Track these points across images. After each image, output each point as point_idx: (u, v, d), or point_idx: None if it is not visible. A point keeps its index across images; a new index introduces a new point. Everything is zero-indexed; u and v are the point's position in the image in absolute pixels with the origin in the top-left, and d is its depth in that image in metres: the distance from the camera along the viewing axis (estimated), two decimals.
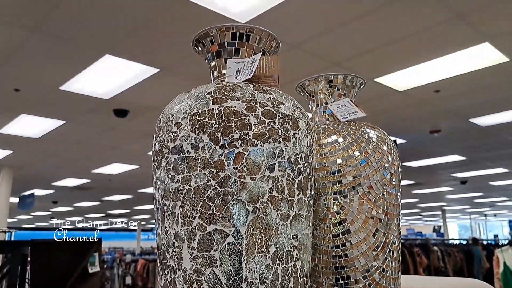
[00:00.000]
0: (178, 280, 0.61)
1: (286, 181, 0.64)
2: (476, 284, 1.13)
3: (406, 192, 11.13)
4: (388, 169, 0.84)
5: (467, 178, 9.49)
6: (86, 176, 8.52)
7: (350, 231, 0.81)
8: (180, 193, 0.62)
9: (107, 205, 13.16)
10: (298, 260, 0.64)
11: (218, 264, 0.59)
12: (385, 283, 0.81)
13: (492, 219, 20.98)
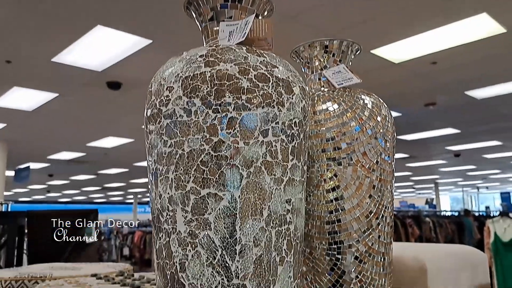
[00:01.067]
0: (172, 243, 0.62)
1: (279, 146, 0.63)
2: (467, 250, 1.15)
3: (400, 165, 11.22)
4: (382, 136, 0.84)
5: (461, 151, 9.56)
6: (81, 149, 8.50)
7: (344, 197, 0.81)
8: (173, 158, 0.62)
9: (103, 179, 13.19)
10: (291, 224, 0.65)
11: (212, 227, 0.60)
12: (377, 247, 0.82)
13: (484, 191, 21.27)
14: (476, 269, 1.11)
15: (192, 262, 0.60)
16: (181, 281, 0.61)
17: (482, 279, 1.13)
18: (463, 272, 1.05)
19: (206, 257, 0.60)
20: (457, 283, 1.02)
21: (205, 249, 0.60)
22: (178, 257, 0.61)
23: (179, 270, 0.61)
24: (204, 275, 0.60)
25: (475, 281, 1.10)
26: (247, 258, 0.60)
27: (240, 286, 0.59)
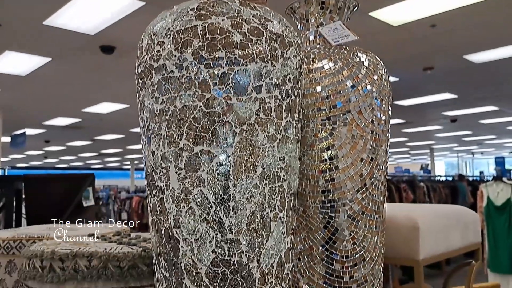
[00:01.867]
0: (166, 200, 0.62)
1: (273, 103, 0.62)
2: (459, 210, 1.16)
3: (396, 131, 11.24)
4: (379, 94, 0.83)
5: (457, 117, 9.56)
6: (77, 115, 8.45)
7: (338, 156, 0.81)
8: (165, 115, 0.61)
9: (99, 145, 13.19)
10: (285, 181, 0.65)
11: (206, 184, 0.60)
12: (371, 206, 0.83)
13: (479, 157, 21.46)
14: (467, 228, 1.12)
15: (186, 218, 0.61)
16: (176, 236, 0.61)
17: (473, 238, 1.15)
18: (454, 230, 1.07)
19: (200, 213, 0.60)
20: (449, 241, 1.04)
21: (199, 206, 0.60)
22: (172, 213, 0.62)
23: (173, 226, 0.61)
24: (198, 230, 0.60)
25: (467, 240, 1.12)
26: (241, 214, 0.60)
27: (234, 241, 0.60)
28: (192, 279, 0.60)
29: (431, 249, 0.97)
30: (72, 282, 0.85)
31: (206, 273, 0.60)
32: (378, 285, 0.85)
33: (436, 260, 0.98)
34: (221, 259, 0.60)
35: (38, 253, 0.88)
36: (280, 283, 0.64)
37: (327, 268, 0.82)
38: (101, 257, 0.84)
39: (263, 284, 0.62)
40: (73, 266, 0.85)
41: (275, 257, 0.63)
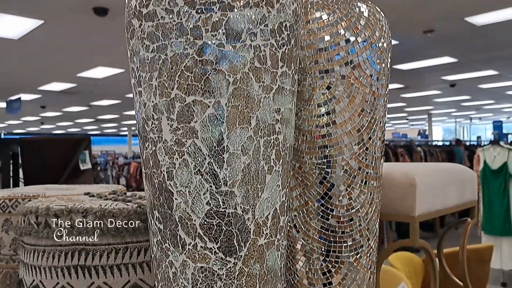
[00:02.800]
0: (159, 152, 0.61)
1: (269, 51, 0.60)
2: (456, 168, 1.16)
3: (395, 96, 11.18)
4: (378, 46, 0.80)
5: (456, 81, 9.49)
6: (72, 80, 8.35)
7: (336, 110, 0.79)
8: (156, 64, 0.59)
9: (96, 110, 13.11)
10: (280, 134, 0.63)
11: (199, 135, 0.58)
12: (367, 161, 0.82)
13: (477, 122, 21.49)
14: (464, 186, 1.12)
15: (179, 170, 0.59)
16: (169, 189, 0.60)
17: (470, 196, 1.15)
18: (451, 188, 1.07)
19: (193, 165, 0.59)
20: (445, 199, 1.04)
21: (193, 158, 0.59)
22: (165, 165, 0.60)
23: (167, 178, 0.60)
24: (192, 182, 0.59)
25: (463, 197, 1.12)
26: (235, 166, 0.59)
27: (228, 193, 0.59)
28: (187, 231, 0.60)
29: (427, 205, 0.97)
30: (67, 238, 0.85)
31: (200, 224, 0.59)
32: (374, 240, 0.85)
33: (432, 217, 0.99)
34: (216, 211, 0.59)
35: (33, 210, 0.88)
36: (275, 235, 0.64)
37: (322, 223, 0.82)
38: (96, 213, 0.84)
39: (258, 235, 0.61)
40: (68, 221, 0.84)
41: (270, 209, 0.63)
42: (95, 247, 0.85)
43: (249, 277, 0.61)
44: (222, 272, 0.60)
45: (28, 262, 0.90)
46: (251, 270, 0.61)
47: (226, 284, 0.60)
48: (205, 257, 0.60)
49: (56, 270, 0.85)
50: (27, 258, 0.90)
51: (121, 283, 0.85)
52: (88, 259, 0.84)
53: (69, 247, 0.85)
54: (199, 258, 0.60)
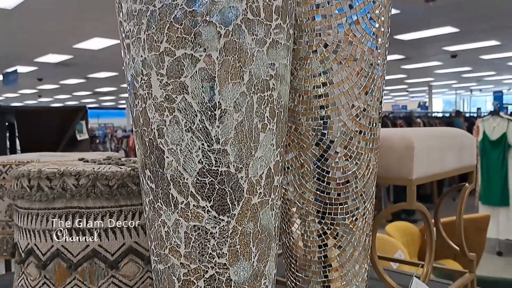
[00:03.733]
0: (149, 109, 0.59)
1: (262, 2, 0.57)
2: (454, 132, 1.14)
3: (395, 68, 11.07)
4: (378, 2, 0.77)
5: (458, 52, 9.38)
6: (68, 51, 8.24)
7: (333, 69, 0.77)
8: (144, 15, 0.56)
9: (93, 83, 13.01)
10: (275, 90, 0.61)
11: (190, 91, 0.56)
12: (365, 122, 0.80)
13: (477, 94, 21.38)
14: (463, 150, 1.11)
15: (170, 127, 0.58)
16: (160, 147, 0.59)
17: (468, 161, 1.14)
18: (450, 152, 1.05)
19: (184, 123, 0.57)
20: (443, 162, 1.03)
21: (183, 114, 0.57)
22: (156, 123, 0.59)
23: (158, 136, 0.59)
24: (184, 140, 0.57)
25: (461, 162, 1.11)
26: (228, 123, 0.57)
27: (221, 151, 0.57)
28: (179, 190, 0.58)
29: (425, 169, 0.96)
30: (61, 201, 0.84)
31: (193, 183, 0.58)
32: (370, 203, 0.85)
33: (429, 180, 0.98)
34: (208, 169, 0.58)
35: (25, 173, 0.87)
36: (269, 194, 0.63)
37: (318, 185, 0.81)
38: (89, 176, 0.83)
39: (251, 194, 0.60)
40: (61, 184, 0.83)
41: (264, 168, 0.61)
42: (89, 210, 0.84)
43: (243, 236, 0.60)
44: (216, 230, 0.59)
45: (22, 226, 0.89)
46: (245, 229, 0.60)
47: (220, 243, 0.59)
48: (198, 215, 0.59)
49: (50, 233, 0.84)
50: (21, 222, 0.89)
51: (116, 246, 0.85)
52: (82, 222, 0.84)
53: (62, 210, 0.84)
54: (191, 216, 0.59)
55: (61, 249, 0.84)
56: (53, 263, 0.84)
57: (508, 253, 4.95)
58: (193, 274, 0.60)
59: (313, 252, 0.82)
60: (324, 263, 0.82)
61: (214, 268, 0.59)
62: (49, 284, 0.84)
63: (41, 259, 0.85)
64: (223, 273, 0.60)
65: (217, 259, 0.59)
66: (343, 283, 0.82)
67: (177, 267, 0.60)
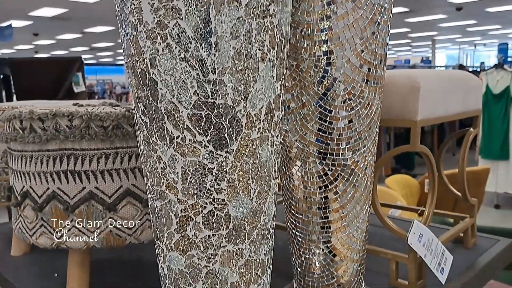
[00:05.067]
0: (140, 37, 0.55)
1: None
2: (461, 74, 1.10)
3: (399, 21, 10.79)
4: None
5: (463, 4, 9.11)
6: (63, 5, 8.01)
7: (337, 1, 0.72)
8: None
9: (90, 38, 12.73)
10: (275, 17, 0.57)
11: (183, 15, 0.52)
12: (370, 58, 0.76)
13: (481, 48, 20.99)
14: (469, 93, 1.07)
15: (163, 56, 0.54)
16: (153, 78, 0.55)
17: (474, 104, 1.11)
18: (456, 94, 1.02)
19: (178, 50, 0.53)
20: (449, 105, 1.00)
21: (177, 41, 0.53)
22: (148, 52, 0.55)
23: (150, 66, 0.55)
24: (178, 70, 0.54)
25: (467, 106, 1.07)
26: (224, 51, 0.54)
27: (217, 82, 0.54)
28: (174, 123, 0.56)
29: (430, 110, 0.92)
30: (54, 142, 0.81)
31: (188, 116, 0.55)
32: (373, 144, 0.82)
33: (434, 123, 0.95)
34: (204, 101, 0.55)
35: (17, 114, 0.84)
36: (269, 130, 0.60)
37: (320, 125, 0.78)
38: (83, 116, 0.80)
39: (250, 129, 0.57)
40: (54, 125, 0.81)
41: (263, 102, 0.58)
42: (84, 152, 0.82)
43: (242, 172, 0.58)
44: (213, 166, 0.57)
45: (16, 169, 0.87)
46: (243, 165, 0.58)
47: (218, 178, 0.57)
48: (195, 150, 0.56)
49: (46, 176, 0.83)
50: (15, 164, 0.87)
51: (113, 188, 0.83)
52: (77, 164, 0.82)
53: (56, 152, 0.82)
54: (188, 151, 0.56)
55: (57, 192, 0.82)
56: (49, 206, 0.83)
57: (506, 206, 5.02)
58: (190, 210, 0.58)
59: (314, 193, 0.81)
60: (325, 204, 0.81)
61: (213, 204, 0.58)
62: (46, 226, 0.84)
63: (37, 201, 0.84)
64: (222, 208, 0.58)
65: (215, 194, 0.57)
66: (343, 224, 0.81)
67: (174, 204, 0.58)
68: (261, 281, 0.64)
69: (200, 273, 0.59)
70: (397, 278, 0.96)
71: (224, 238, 0.59)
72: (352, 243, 0.83)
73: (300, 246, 0.85)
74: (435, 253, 0.94)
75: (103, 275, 0.90)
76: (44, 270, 1.08)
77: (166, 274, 0.63)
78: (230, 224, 0.59)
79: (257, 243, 0.62)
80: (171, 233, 0.60)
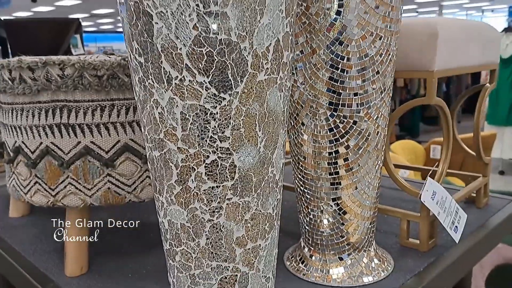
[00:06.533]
0: None
1: None
2: (481, 25, 1.03)
3: None
4: None
5: None
6: None
7: None
8: None
9: (90, 4, 12.46)
10: None
11: None
12: None
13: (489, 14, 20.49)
14: (488, 45, 1.01)
15: None
16: (147, 10, 0.49)
17: (492, 57, 1.04)
18: (474, 45, 0.95)
19: None
20: (467, 55, 0.93)
21: None
22: None
23: None
24: (175, 1, 0.48)
25: (485, 57, 1.01)
26: None
27: (219, 15, 0.48)
28: (172, 63, 0.50)
29: (447, 60, 0.86)
30: (46, 93, 0.76)
31: (187, 54, 0.49)
32: (387, 94, 0.77)
33: (451, 74, 0.89)
34: (205, 36, 0.49)
35: (5, 64, 0.78)
36: (277, 72, 0.54)
37: (331, 73, 0.72)
38: (75, 65, 0.74)
39: (257, 69, 0.52)
40: (44, 75, 0.75)
41: (271, 39, 0.52)
42: (78, 103, 0.76)
43: (247, 117, 0.53)
44: (216, 110, 0.51)
45: (7, 123, 0.82)
46: (250, 110, 0.53)
47: (221, 125, 0.52)
48: (195, 93, 0.51)
49: (38, 130, 0.78)
50: (6, 118, 0.82)
51: (110, 143, 0.79)
52: (71, 117, 0.77)
53: (48, 104, 0.77)
54: (188, 94, 0.51)
55: (51, 146, 0.78)
56: (43, 161, 0.78)
57: (510, 172, 4.98)
58: (192, 159, 0.53)
59: (324, 147, 0.76)
60: (335, 159, 0.76)
61: (216, 153, 0.53)
62: (41, 183, 0.79)
63: (30, 157, 0.79)
64: (226, 158, 0.53)
65: (218, 143, 0.52)
66: (354, 179, 0.77)
67: (174, 153, 0.54)
68: (269, 236, 0.60)
69: (204, 227, 0.55)
70: (408, 237, 0.92)
71: (229, 190, 0.54)
72: (363, 200, 0.78)
73: (309, 203, 0.80)
74: (449, 211, 0.89)
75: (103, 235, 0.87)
76: (43, 231, 1.05)
77: (167, 229, 0.58)
78: (235, 175, 0.54)
79: (264, 196, 0.57)
80: (171, 185, 0.55)
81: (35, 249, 0.96)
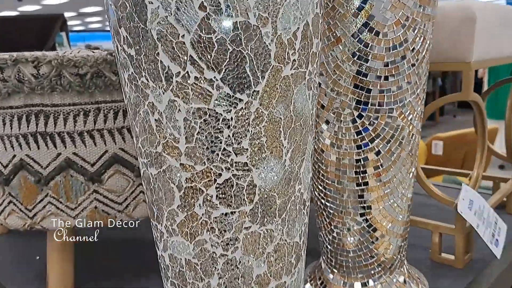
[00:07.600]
0: None
1: None
2: None
3: None
4: None
5: None
6: None
7: None
8: None
9: (78, 2, 12.22)
10: None
11: None
12: None
13: None
14: None
15: None
16: None
17: None
18: (508, 32, 0.84)
19: None
20: (502, 44, 0.82)
21: None
22: None
23: None
24: None
25: None
26: None
27: None
28: (172, 54, 0.38)
29: (484, 50, 0.75)
30: (18, 97, 0.64)
31: (192, 42, 0.37)
32: (422, 91, 0.65)
33: (485, 66, 0.78)
34: (215, 18, 0.37)
35: None
36: (306, 65, 0.42)
37: (359, 66, 0.60)
38: (52, 62, 0.62)
39: (281, 62, 0.40)
40: (16, 75, 0.63)
41: (299, 22, 0.40)
42: (57, 108, 0.64)
43: (270, 123, 0.41)
44: (230, 115, 0.39)
45: None
46: (273, 113, 0.41)
47: (238, 134, 0.40)
48: (203, 93, 0.39)
49: (10, 140, 0.65)
50: None
51: (97, 154, 0.66)
52: (49, 124, 0.64)
53: (22, 109, 0.64)
54: (193, 95, 0.39)
55: (26, 160, 0.65)
56: (17, 177, 0.66)
57: (510, 167, 4.91)
58: (199, 179, 0.41)
59: (350, 154, 0.64)
60: (364, 167, 0.64)
61: (230, 170, 0.41)
62: (16, 203, 0.67)
63: (2, 172, 0.67)
64: (243, 176, 0.41)
65: (234, 157, 0.41)
66: (386, 191, 0.65)
67: (177, 170, 0.42)
68: (295, 271, 0.48)
69: (215, 264, 0.43)
70: (440, 252, 0.81)
71: (247, 216, 0.42)
72: (395, 214, 0.67)
73: (332, 219, 0.69)
74: (488, 222, 0.78)
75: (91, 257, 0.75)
76: (23, 253, 0.92)
77: (168, 265, 0.47)
78: (255, 198, 0.42)
79: (290, 222, 0.45)
80: (173, 211, 0.43)
81: (13, 274, 0.84)
